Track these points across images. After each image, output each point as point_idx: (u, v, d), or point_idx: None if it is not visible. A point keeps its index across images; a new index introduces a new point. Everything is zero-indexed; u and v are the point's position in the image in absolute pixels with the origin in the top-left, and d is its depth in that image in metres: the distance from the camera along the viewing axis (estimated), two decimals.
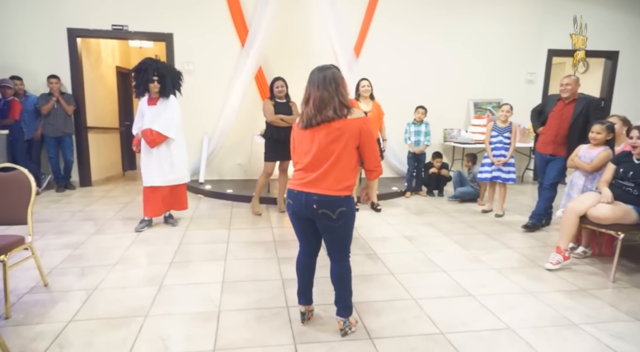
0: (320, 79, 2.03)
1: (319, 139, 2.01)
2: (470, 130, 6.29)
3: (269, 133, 4.39)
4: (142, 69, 3.74)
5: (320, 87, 2.01)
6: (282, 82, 4.37)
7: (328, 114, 1.99)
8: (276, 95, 4.36)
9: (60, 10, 5.40)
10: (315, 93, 2.01)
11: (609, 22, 6.55)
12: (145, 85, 3.76)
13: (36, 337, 2.14)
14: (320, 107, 2.00)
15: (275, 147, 4.39)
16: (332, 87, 2.01)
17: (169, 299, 2.58)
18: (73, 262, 3.13)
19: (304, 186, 2.05)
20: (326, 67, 2.09)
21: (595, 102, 3.99)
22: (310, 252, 2.27)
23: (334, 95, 2.01)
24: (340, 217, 2.04)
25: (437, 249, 3.53)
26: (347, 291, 2.20)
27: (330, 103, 2.00)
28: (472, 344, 2.14)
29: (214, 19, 5.73)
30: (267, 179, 4.57)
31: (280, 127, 4.31)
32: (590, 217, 3.02)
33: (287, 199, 2.16)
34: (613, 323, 2.37)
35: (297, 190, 2.08)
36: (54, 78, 5.31)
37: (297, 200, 2.08)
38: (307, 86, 2.08)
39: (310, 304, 2.32)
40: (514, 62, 6.54)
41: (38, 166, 5.55)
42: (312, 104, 2.02)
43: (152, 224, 4.07)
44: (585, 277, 3.01)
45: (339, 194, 2.02)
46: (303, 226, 2.17)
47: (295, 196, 2.09)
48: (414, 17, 6.17)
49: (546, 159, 4.06)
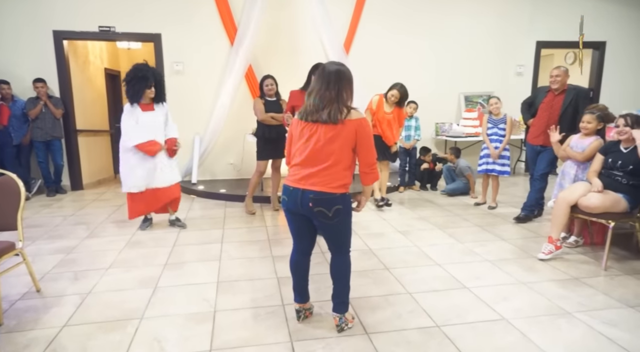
0: (328, 76, 2.01)
1: (316, 137, 2.01)
2: (462, 124, 6.32)
3: (261, 132, 4.37)
4: (140, 76, 3.65)
5: (324, 86, 2.00)
6: (271, 80, 4.34)
7: (322, 117, 1.99)
8: (266, 93, 4.34)
9: (46, 12, 5.33)
10: (319, 90, 2.01)
11: (595, 13, 6.60)
12: (143, 91, 3.70)
13: (29, 343, 2.12)
14: (319, 106, 1.99)
15: (267, 146, 4.38)
16: (335, 90, 2.00)
17: (164, 300, 2.56)
18: (66, 267, 3.10)
19: (299, 182, 2.04)
20: (338, 63, 2.09)
21: (584, 92, 4.02)
22: (304, 251, 2.26)
23: (334, 100, 1.99)
24: (336, 214, 2.03)
25: (431, 243, 3.55)
26: (346, 285, 2.20)
27: (327, 106, 1.99)
28: (468, 335, 2.15)
29: (202, 18, 5.69)
30: (260, 178, 4.56)
31: (272, 126, 4.29)
32: (581, 206, 3.05)
33: (282, 195, 2.14)
34: (606, 310, 2.40)
35: (292, 186, 2.07)
36: (40, 82, 5.23)
37: (292, 196, 2.06)
38: (314, 77, 2.09)
39: (306, 302, 2.31)
40: (503, 55, 6.57)
41: (28, 171, 5.49)
42: (312, 99, 2.02)
43: (153, 222, 4.09)
44: (577, 266, 3.04)
45: (335, 192, 2.01)
46: (298, 223, 2.16)
47: (290, 192, 2.07)
48: (403, 12, 6.16)
49: (537, 151, 4.09)
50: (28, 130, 5.31)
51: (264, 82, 4.34)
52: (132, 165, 3.71)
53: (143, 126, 3.70)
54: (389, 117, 4.50)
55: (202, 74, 5.81)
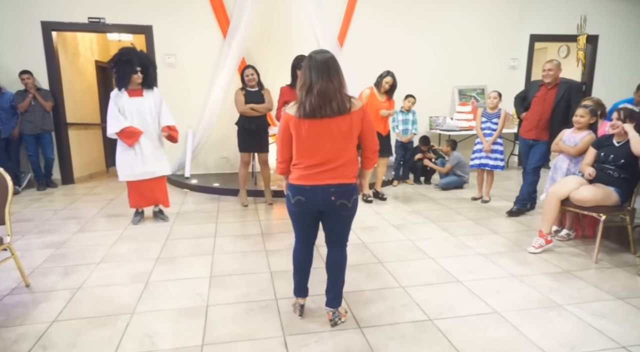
0: (323, 67, 1.93)
1: (330, 132, 1.96)
2: (456, 117, 6.32)
3: (241, 123, 4.33)
4: (124, 60, 3.55)
5: (324, 77, 1.93)
6: (252, 70, 4.29)
7: (333, 109, 1.93)
8: (247, 83, 4.28)
9: (34, 3, 5.22)
10: (320, 83, 1.92)
11: (588, 6, 6.60)
12: (129, 76, 3.60)
13: (18, 339, 2.09)
14: (325, 100, 1.92)
15: (247, 139, 4.35)
16: (337, 79, 1.96)
17: (156, 295, 2.54)
18: (56, 262, 3.06)
19: (317, 178, 2.00)
20: (324, 51, 2.03)
21: (577, 86, 4.03)
22: (312, 242, 2.24)
23: (338, 89, 1.95)
24: (354, 204, 2.08)
25: (424, 237, 3.55)
26: (342, 279, 2.20)
27: (334, 98, 1.93)
28: (460, 329, 2.16)
29: (194, 10, 5.61)
30: (247, 168, 4.54)
31: (252, 117, 4.26)
32: (573, 200, 3.06)
33: (295, 196, 2.05)
34: (596, 303, 2.42)
35: (309, 185, 2.00)
36: (26, 73, 5.13)
37: (311, 195, 2.01)
38: (304, 71, 1.98)
39: (306, 296, 2.32)
40: (497, 49, 6.57)
41: (17, 165, 5.41)
42: (316, 93, 1.92)
43: (144, 216, 4.06)
44: (569, 259, 3.07)
45: (352, 182, 2.05)
46: (309, 220, 2.12)
47: (308, 191, 2.01)
48: (397, 5, 6.12)
49: (529, 144, 4.10)
50: (17, 124, 5.22)
51: (244, 72, 4.29)
52: (119, 153, 3.72)
53: (128, 113, 3.62)
54: (384, 106, 4.46)
55: (195, 67, 5.74)
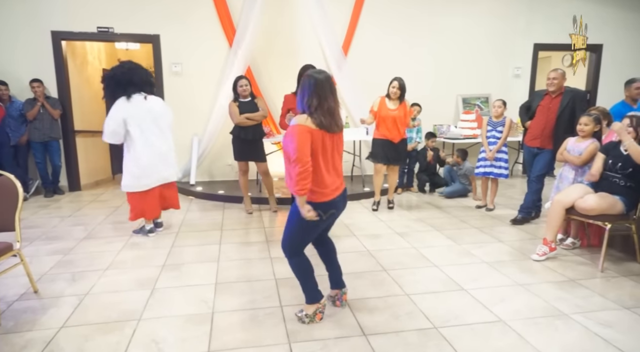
0: (329, 87, 2.11)
1: (338, 146, 2.21)
2: (460, 126, 6.34)
3: (236, 132, 4.38)
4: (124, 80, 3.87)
5: (331, 97, 2.11)
6: (245, 80, 4.36)
7: (339, 126, 2.16)
8: (240, 94, 4.34)
9: (44, 13, 5.32)
10: (329, 102, 2.09)
11: (592, 15, 6.64)
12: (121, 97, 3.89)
13: (26, 344, 2.11)
14: (335, 118, 2.13)
15: (242, 147, 4.40)
16: (336, 99, 2.15)
17: (162, 302, 2.56)
18: (63, 268, 3.09)
19: (340, 188, 2.23)
20: (322, 71, 2.18)
21: (581, 95, 4.04)
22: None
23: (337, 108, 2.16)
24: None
25: (429, 245, 3.55)
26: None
27: (337, 115, 2.15)
28: (465, 337, 2.16)
29: (200, 19, 5.69)
30: (246, 176, 4.57)
31: (247, 127, 4.32)
32: (578, 208, 3.06)
33: (328, 211, 2.16)
34: (602, 312, 2.41)
35: (338, 196, 2.20)
36: (36, 82, 5.22)
37: (340, 204, 2.24)
38: (314, 90, 2.06)
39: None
40: (501, 57, 6.60)
41: (25, 172, 5.47)
42: (327, 111, 2.09)
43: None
44: (574, 268, 3.06)
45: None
46: (322, 226, 2.26)
47: (337, 202, 2.21)
48: (401, 14, 6.18)
49: (534, 153, 4.11)
50: (26, 131, 5.30)
51: (237, 83, 4.34)
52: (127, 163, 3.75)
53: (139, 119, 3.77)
54: (394, 113, 4.48)
55: (201, 75, 5.81)
